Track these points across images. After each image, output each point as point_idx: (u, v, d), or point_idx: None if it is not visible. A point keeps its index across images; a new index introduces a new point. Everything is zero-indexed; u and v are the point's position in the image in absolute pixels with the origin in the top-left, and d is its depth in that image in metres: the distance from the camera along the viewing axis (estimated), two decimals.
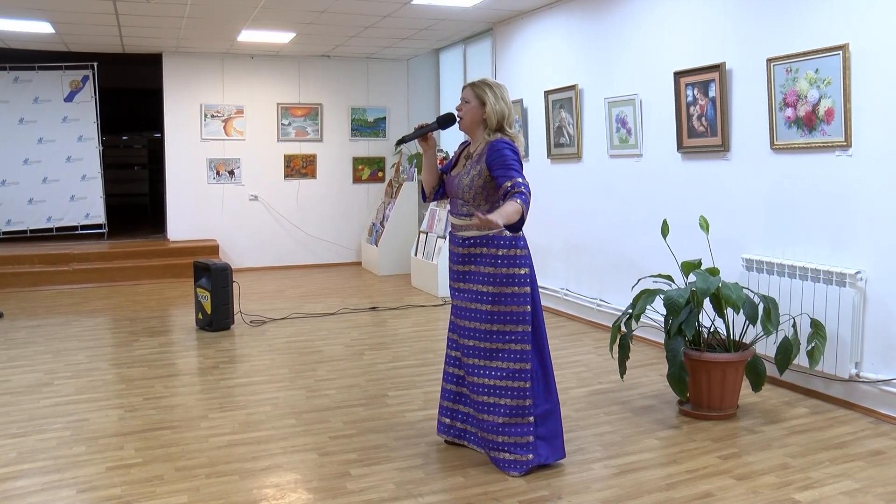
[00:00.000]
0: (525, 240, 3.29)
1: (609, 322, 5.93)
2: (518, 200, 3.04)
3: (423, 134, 3.31)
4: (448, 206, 3.49)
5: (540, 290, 6.93)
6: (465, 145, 3.47)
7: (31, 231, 9.35)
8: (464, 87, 3.34)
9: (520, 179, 3.12)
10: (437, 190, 3.49)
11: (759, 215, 4.62)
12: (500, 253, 3.23)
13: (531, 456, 3.21)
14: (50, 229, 9.40)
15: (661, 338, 5.35)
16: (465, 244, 3.30)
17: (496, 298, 3.23)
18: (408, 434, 3.73)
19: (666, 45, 5.33)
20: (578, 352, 5.39)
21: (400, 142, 3.39)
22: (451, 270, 3.45)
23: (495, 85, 3.28)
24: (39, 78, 9.19)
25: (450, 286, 3.46)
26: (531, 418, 3.23)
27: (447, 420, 3.52)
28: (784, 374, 4.23)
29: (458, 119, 3.33)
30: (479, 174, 3.23)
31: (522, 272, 3.25)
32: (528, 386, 3.23)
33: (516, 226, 3.08)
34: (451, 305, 3.49)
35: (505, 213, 3.03)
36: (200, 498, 3.04)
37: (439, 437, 3.59)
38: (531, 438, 3.22)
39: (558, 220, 6.73)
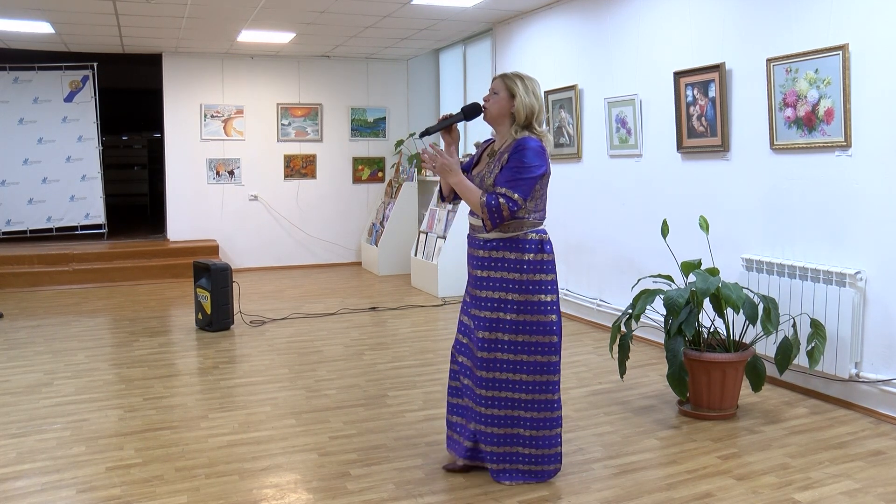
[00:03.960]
0: (552, 244, 3.10)
1: (609, 322, 5.94)
2: (485, 201, 2.94)
3: (448, 125, 3.12)
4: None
5: None
6: (488, 143, 3.27)
7: (31, 231, 9.35)
8: (494, 79, 3.14)
9: (516, 197, 2.93)
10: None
11: (759, 215, 4.62)
12: (526, 258, 3.02)
13: (559, 465, 3.14)
14: (50, 229, 9.40)
15: (660, 338, 5.35)
16: (487, 247, 3.06)
17: (522, 307, 3.02)
18: (408, 434, 3.73)
19: (666, 45, 5.33)
20: (578, 352, 5.39)
21: (424, 133, 3.14)
22: (470, 277, 3.19)
23: (527, 78, 3.09)
24: (39, 78, 9.19)
25: (467, 294, 3.21)
26: (559, 429, 3.11)
27: (450, 432, 3.32)
28: (784, 375, 4.24)
29: (483, 110, 3.12)
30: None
31: (549, 278, 3.04)
32: (555, 398, 3.08)
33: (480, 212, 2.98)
34: (459, 321, 3.26)
35: (466, 184, 3.01)
36: (200, 498, 3.04)
37: (452, 455, 3.32)
38: (559, 449, 3.12)
39: (558, 221, 6.72)
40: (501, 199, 2.93)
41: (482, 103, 3.14)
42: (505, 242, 3.04)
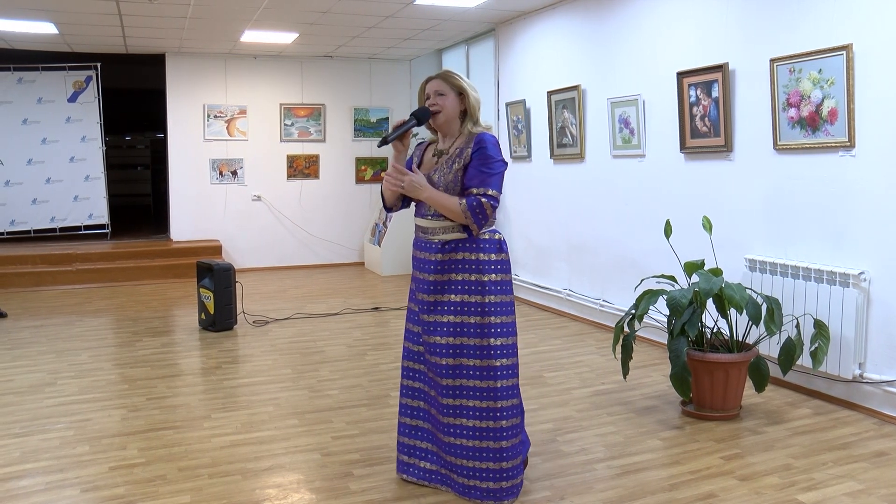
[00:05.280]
0: (507, 243, 3.07)
1: (612, 322, 5.93)
2: (466, 204, 2.85)
3: (405, 131, 2.99)
4: (415, 210, 3.13)
5: (542, 290, 6.97)
6: (426, 145, 3.21)
7: (35, 231, 9.36)
8: (430, 80, 3.05)
9: (493, 193, 2.89)
10: (405, 198, 3.13)
11: (763, 216, 4.61)
12: (486, 258, 2.94)
13: (520, 479, 2.99)
14: (53, 229, 9.42)
15: (664, 338, 5.34)
16: (445, 249, 2.96)
17: (486, 309, 2.92)
18: None
19: (669, 45, 5.32)
20: (581, 352, 5.38)
21: (382, 143, 2.96)
22: (421, 283, 3.04)
23: (462, 75, 3.07)
24: (43, 78, 9.21)
25: (419, 303, 3.05)
26: (521, 437, 3.00)
27: (405, 458, 3.17)
28: (787, 375, 4.23)
29: (433, 114, 3.01)
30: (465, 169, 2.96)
31: (508, 279, 2.99)
32: (518, 403, 2.97)
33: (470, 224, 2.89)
34: (408, 330, 3.13)
35: (439, 195, 2.89)
36: (203, 498, 3.04)
37: (400, 476, 3.18)
38: (520, 459, 3.00)
39: (561, 221, 6.72)
40: (483, 199, 2.87)
41: (429, 107, 3.02)
42: (463, 243, 2.95)
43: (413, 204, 3.13)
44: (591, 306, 6.34)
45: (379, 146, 3.04)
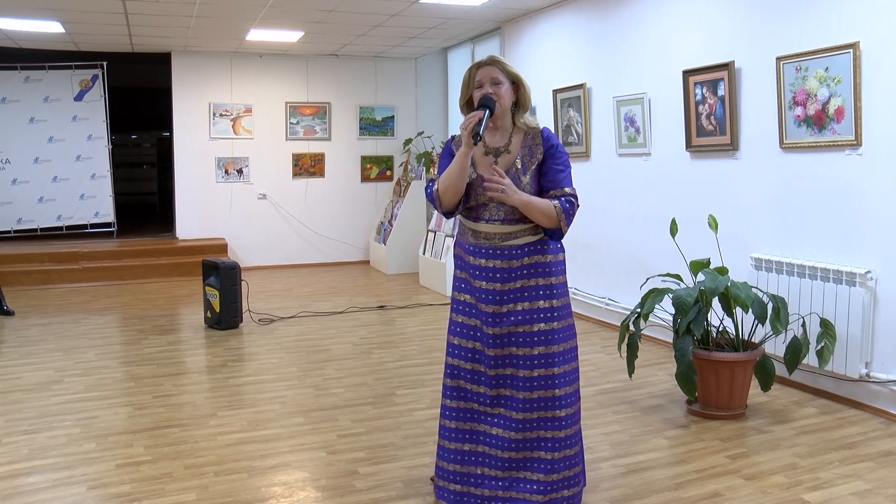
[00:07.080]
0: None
1: (617, 321, 5.92)
2: (561, 207, 2.70)
3: (487, 122, 2.70)
4: (467, 214, 2.87)
5: None
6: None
7: (42, 229, 9.40)
8: (482, 66, 2.77)
9: (570, 191, 2.77)
10: (464, 199, 2.84)
11: (769, 214, 4.60)
12: (554, 259, 2.80)
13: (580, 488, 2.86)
14: (60, 228, 9.45)
15: (669, 337, 5.33)
16: (519, 254, 2.75)
17: (561, 313, 2.76)
18: (416, 433, 3.73)
19: (675, 43, 5.31)
20: (587, 351, 5.38)
21: (477, 137, 2.62)
22: (484, 293, 2.77)
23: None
24: (49, 77, 9.24)
25: (481, 315, 2.79)
26: (580, 445, 2.87)
27: (458, 486, 2.87)
28: (793, 374, 4.22)
29: (494, 103, 2.73)
30: (538, 169, 2.76)
31: (566, 280, 2.87)
32: (577, 411, 2.83)
33: (551, 229, 2.75)
34: (458, 346, 2.85)
35: (535, 200, 2.70)
36: (209, 496, 3.05)
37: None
38: (581, 466, 2.88)
39: None
40: (572, 199, 2.75)
41: (488, 95, 2.74)
42: (536, 245, 2.77)
43: (474, 207, 2.83)
44: (596, 305, 6.33)
45: (475, 143, 2.67)
